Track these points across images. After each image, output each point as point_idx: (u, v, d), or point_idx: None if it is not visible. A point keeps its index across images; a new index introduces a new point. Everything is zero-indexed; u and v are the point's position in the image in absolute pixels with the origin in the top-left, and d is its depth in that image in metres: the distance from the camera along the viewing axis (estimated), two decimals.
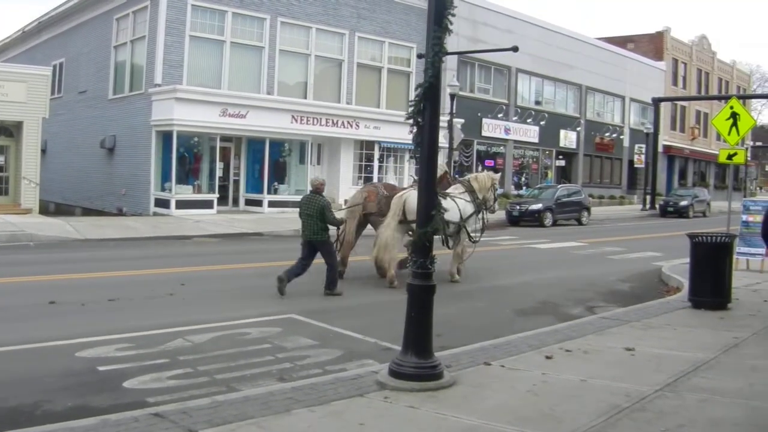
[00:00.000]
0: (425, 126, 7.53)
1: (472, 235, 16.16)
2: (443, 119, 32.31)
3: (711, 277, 12.71)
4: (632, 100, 59.15)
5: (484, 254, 21.20)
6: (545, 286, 15.95)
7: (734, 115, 16.55)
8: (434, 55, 7.47)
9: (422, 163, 7.63)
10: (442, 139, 32.71)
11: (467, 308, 13.00)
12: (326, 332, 10.48)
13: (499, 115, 45.35)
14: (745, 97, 67.79)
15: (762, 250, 18.08)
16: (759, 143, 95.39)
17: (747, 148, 66.35)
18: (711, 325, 11.32)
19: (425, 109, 7.49)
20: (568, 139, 51.72)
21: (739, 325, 11.24)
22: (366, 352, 9.43)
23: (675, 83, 65.57)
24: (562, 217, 34.82)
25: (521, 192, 44.55)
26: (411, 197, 14.33)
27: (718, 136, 15.84)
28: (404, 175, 36.43)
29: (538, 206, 34.20)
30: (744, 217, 18.94)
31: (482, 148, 44.97)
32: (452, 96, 33.91)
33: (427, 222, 7.57)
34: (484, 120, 44.18)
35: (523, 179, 48.19)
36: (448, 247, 15.61)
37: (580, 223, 35.64)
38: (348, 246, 15.81)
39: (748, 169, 71.19)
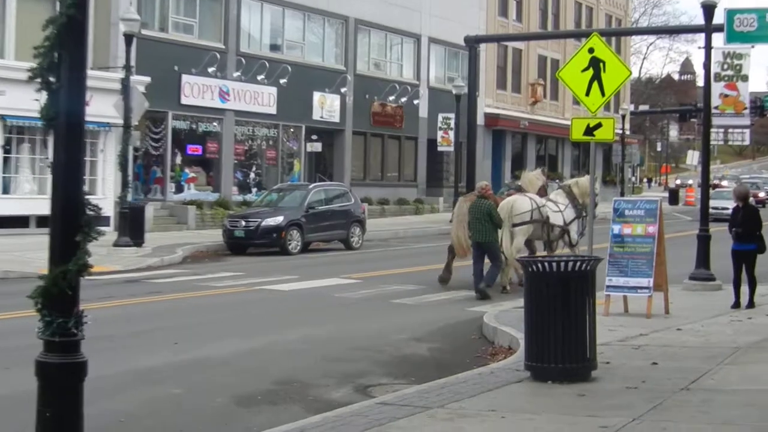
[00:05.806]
0: (61, 91, 6.14)
1: (574, 238, 22.00)
2: (114, 77, 30.97)
3: (560, 328, 11.17)
4: (433, 40, 51.20)
5: (184, 304, 21.23)
6: (287, 355, 14.67)
7: (596, 63, 15.30)
8: None
9: (58, 153, 6.18)
10: (112, 111, 29.83)
11: (158, 397, 11.73)
12: None
13: (211, 69, 37.79)
14: (617, 33, 62.91)
15: (648, 281, 16.60)
16: (644, 107, 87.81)
17: (622, 116, 60.60)
18: (564, 408, 10.04)
19: (62, 61, 6.13)
20: (327, 107, 44.35)
21: (610, 406, 10.00)
22: None
23: (504, 13, 56.87)
24: (318, 236, 31.36)
25: (250, 197, 39.03)
26: (510, 201, 21.26)
27: (576, 99, 14.42)
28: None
29: (278, 220, 30.40)
30: (616, 228, 17.54)
31: (182, 124, 37.68)
32: (128, 37, 29.35)
33: (69, 255, 6.08)
34: (186, 78, 36.84)
35: (252, 176, 41.75)
36: (551, 250, 21.46)
37: (348, 246, 31.93)
38: (461, 249, 21.16)
39: (626, 149, 62.41)
